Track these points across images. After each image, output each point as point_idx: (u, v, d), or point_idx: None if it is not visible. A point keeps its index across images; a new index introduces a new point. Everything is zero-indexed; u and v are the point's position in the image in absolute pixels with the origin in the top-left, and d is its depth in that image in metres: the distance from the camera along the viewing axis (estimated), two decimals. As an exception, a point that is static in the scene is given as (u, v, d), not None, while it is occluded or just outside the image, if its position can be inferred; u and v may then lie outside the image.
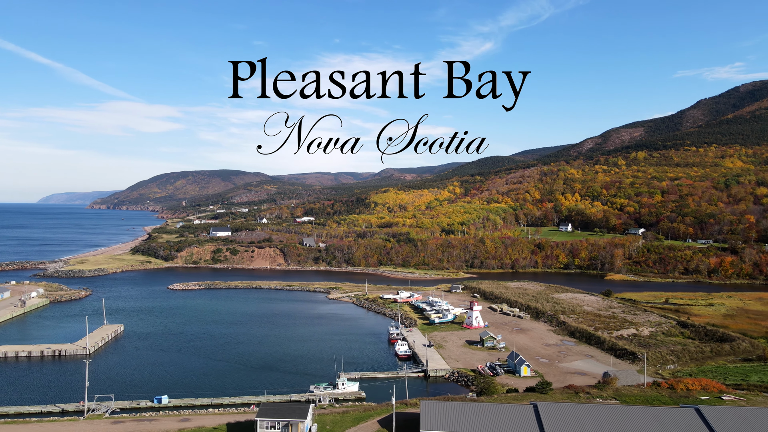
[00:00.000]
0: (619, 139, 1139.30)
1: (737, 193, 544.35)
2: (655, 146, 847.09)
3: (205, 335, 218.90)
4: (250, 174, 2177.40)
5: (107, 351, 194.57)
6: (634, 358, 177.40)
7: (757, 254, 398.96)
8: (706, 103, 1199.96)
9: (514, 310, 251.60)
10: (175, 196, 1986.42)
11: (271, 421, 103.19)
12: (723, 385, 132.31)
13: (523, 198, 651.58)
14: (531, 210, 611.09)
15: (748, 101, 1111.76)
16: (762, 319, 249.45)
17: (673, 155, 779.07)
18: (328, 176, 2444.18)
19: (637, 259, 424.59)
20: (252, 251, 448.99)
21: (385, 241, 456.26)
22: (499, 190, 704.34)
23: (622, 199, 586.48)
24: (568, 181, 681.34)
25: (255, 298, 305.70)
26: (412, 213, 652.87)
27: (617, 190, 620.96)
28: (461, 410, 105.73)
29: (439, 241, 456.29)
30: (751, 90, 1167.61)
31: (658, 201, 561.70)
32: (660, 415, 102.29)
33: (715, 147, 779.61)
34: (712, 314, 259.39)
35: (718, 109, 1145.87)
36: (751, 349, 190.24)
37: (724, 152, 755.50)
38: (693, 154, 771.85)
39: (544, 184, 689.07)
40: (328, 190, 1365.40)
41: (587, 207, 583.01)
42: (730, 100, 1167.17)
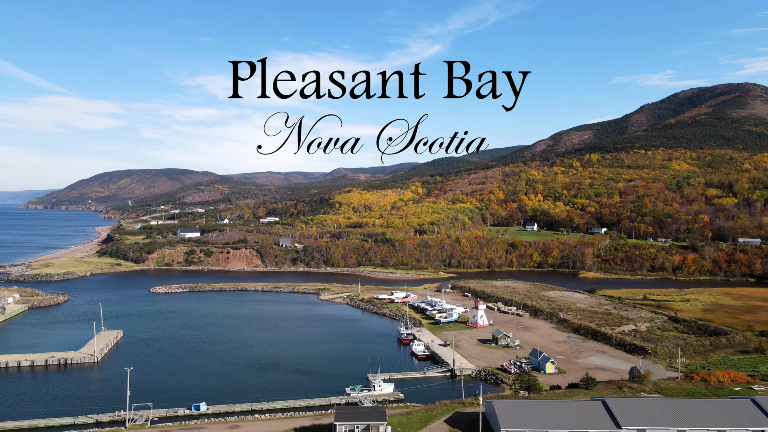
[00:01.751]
0: (569, 141, 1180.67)
1: (689, 194, 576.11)
2: (606, 149, 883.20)
3: (211, 339, 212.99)
4: (198, 173, 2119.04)
5: (114, 358, 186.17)
6: (645, 353, 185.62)
7: (715, 252, 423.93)
8: (648, 108, 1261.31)
9: (512, 309, 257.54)
10: (119, 196, 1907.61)
11: (350, 424, 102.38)
12: (749, 377, 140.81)
13: (487, 198, 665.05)
14: (497, 210, 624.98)
15: (687, 107, 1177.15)
16: (739, 313, 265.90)
17: (624, 158, 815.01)
18: (278, 176, 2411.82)
19: (606, 257, 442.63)
20: (227, 252, 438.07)
21: (363, 242, 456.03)
22: (463, 191, 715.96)
23: (583, 200, 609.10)
24: (530, 182, 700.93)
25: (245, 301, 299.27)
26: (378, 213, 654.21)
27: (577, 190, 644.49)
28: (535, 408, 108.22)
29: (416, 241, 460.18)
30: (689, 96, 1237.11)
31: (617, 201, 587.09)
32: (720, 406, 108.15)
33: (662, 150, 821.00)
34: (692, 309, 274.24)
35: (660, 114, 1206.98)
36: (745, 342, 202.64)
37: (671, 155, 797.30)
38: (642, 156, 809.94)
39: (507, 184, 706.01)
40: (283, 189, 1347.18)
41: (551, 207, 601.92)
42: (671, 105, 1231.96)
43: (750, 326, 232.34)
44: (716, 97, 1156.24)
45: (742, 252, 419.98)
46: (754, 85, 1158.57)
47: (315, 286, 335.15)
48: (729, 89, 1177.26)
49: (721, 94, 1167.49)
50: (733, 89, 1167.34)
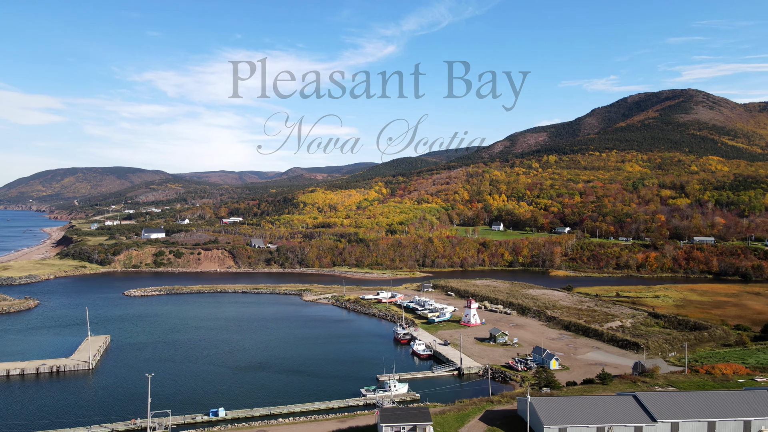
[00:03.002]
0: (525, 143, 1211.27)
1: (645, 195, 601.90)
2: (563, 151, 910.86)
3: (205, 343, 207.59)
4: (148, 172, 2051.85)
5: (108, 364, 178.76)
6: (638, 348, 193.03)
7: (674, 250, 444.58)
8: (599, 111, 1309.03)
9: (499, 307, 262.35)
10: (63, 195, 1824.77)
11: (397, 425, 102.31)
12: (749, 369, 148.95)
13: (453, 198, 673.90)
14: (462, 210, 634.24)
15: (635, 111, 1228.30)
16: (709, 308, 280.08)
17: (580, 159, 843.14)
18: (232, 175, 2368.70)
19: (573, 256, 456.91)
20: (198, 254, 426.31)
21: (336, 242, 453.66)
22: (428, 191, 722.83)
23: (546, 200, 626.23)
24: (494, 182, 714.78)
25: (227, 303, 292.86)
26: (345, 213, 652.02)
27: (539, 191, 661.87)
28: (572, 404, 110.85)
29: (389, 241, 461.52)
30: (637, 101, 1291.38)
31: (579, 201, 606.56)
32: (741, 397, 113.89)
33: (615, 152, 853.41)
34: (665, 305, 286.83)
35: (610, 117, 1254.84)
36: (725, 336, 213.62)
37: (624, 157, 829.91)
38: (597, 158, 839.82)
39: (471, 185, 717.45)
40: (240, 189, 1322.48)
41: (515, 207, 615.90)
42: (620, 109, 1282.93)
43: (723, 320, 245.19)
44: (662, 102, 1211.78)
45: (698, 250, 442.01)
46: (697, 92, 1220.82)
47: (296, 287, 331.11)
48: (673, 95, 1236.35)
49: (666, 99, 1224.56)
50: (677, 95, 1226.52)
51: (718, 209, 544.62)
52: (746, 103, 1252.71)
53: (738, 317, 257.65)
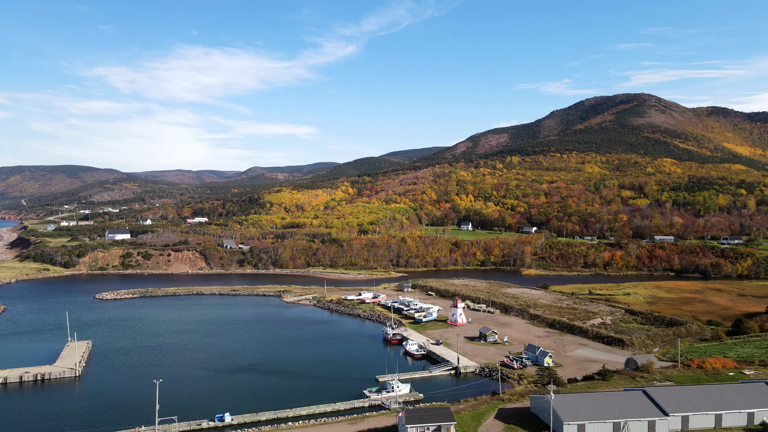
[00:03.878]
0: (487, 144, 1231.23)
1: (607, 195, 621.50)
2: (525, 152, 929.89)
3: (192, 346, 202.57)
4: (101, 170, 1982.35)
5: (95, 371, 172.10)
6: (623, 344, 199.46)
7: (638, 249, 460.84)
8: (558, 114, 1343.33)
9: (482, 306, 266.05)
10: (9, 194, 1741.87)
11: (422, 426, 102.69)
12: (736, 362, 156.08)
13: (420, 199, 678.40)
14: (431, 210, 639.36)
15: (592, 114, 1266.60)
16: (678, 305, 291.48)
17: (542, 160, 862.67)
18: (189, 174, 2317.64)
19: (542, 255, 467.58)
20: (168, 255, 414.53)
21: (310, 242, 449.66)
22: (396, 191, 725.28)
23: (512, 200, 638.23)
24: (461, 182, 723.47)
25: (206, 305, 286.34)
26: (313, 213, 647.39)
27: (506, 191, 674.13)
28: (587, 401, 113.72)
29: (363, 241, 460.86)
30: (593, 104, 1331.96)
31: (544, 202, 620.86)
32: (742, 390, 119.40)
33: (575, 154, 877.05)
34: (637, 302, 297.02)
35: (568, 119, 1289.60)
36: (701, 331, 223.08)
37: (584, 158, 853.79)
38: (558, 159, 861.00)
39: (439, 185, 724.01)
40: (201, 188, 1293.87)
41: (483, 207, 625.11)
42: (577, 112, 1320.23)
43: (695, 316, 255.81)
44: (617, 105, 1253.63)
45: (660, 249, 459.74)
46: (649, 96, 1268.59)
47: (275, 288, 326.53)
48: (628, 99, 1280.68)
49: (621, 103, 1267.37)
50: (631, 99, 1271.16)
51: (675, 209, 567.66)
52: (694, 108, 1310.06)
53: (707, 313, 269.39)
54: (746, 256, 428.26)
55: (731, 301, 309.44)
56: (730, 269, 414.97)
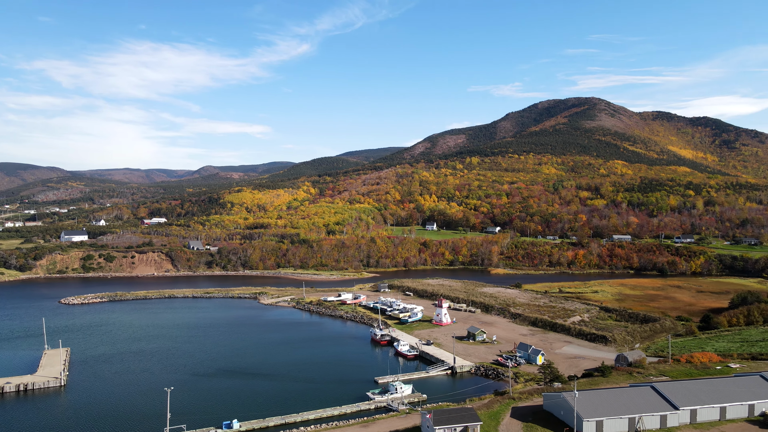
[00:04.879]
0: (445, 144, 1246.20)
1: (566, 196, 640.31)
2: (484, 153, 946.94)
3: (177, 352, 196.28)
4: (43, 168, 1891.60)
5: (79, 380, 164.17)
6: (606, 341, 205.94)
7: (599, 247, 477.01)
8: (513, 116, 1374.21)
9: (462, 306, 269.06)
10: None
11: (449, 427, 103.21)
12: (721, 356, 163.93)
13: (384, 199, 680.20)
14: (395, 210, 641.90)
15: (545, 116, 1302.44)
16: (645, 301, 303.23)
17: (501, 161, 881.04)
18: (138, 173, 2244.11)
19: (509, 254, 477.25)
20: (132, 257, 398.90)
21: (279, 243, 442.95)
22: (359, 191, 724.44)
23: (475, 201, 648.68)
24: (424, 183, 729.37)
25: (181, 308, 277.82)
26: (276, 214, 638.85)
27: (468, 191, 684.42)
28: (601, 397, 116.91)
29: (333, 241, 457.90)
30: (546, 107, 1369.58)
31: (506, 202, 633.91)
32: (740, 383, 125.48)
33: (533, 155, 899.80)
34: (606, 299, 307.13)
35: (523, 121, 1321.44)
36: (674, 327, 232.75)
37: (540, 160, 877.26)
38: (516, 161, 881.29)
39: (402, 185, 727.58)
40: (154, 188, 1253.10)
41: (447, 207, 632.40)
42: (532, 114, 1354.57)
43: (664, 312, 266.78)
44: (569, 108, 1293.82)
45: (619, 247, 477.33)
46: (599, 100, 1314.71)
47: (250, 290, 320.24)
48: (579, 102, 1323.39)
49: (573, 106, 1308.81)
50: (582, 102, 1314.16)
51: (630, 209, 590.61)
52: (641, 112, 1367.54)
53: (673, 309, 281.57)
54: (699, 254, 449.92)
55: (692, 297, 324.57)
56: (685, 267, 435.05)
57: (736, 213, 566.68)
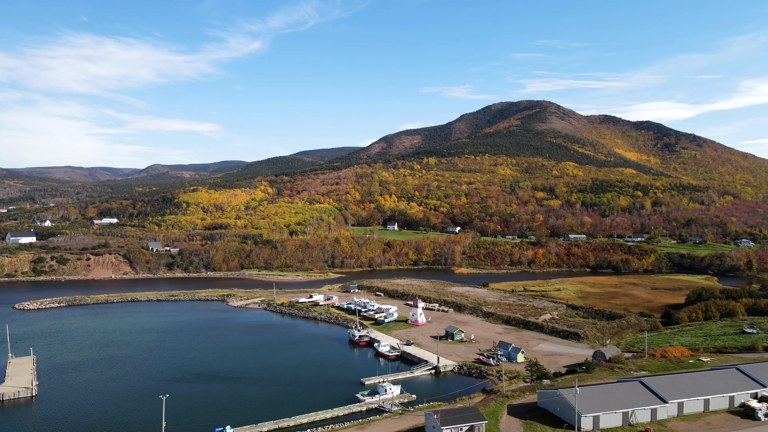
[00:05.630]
0: (401, 144, 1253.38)
1: (523, 196, 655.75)
2: (441, 153, 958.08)
3: (151, 357, 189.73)
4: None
5: (49, 389, 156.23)
6: (579, 338, 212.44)
7: (557, 247, 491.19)
8: (468, 117, 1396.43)
9: (435, 305, 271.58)
10: None
11: (456, 427, 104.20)
12: (691, 351, 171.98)
13: (345, 199, 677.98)
14: (356, 210, 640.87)
15: (498, 118, 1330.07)
16: (606, 299, 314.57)
17: (458, 162, 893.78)
18: (81, 171, 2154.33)
19: (471, 254, 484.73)
20: (87, 259, 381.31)
21: (242, 244, 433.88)
22: (318, 191, 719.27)
23: (435, 201, 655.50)
24: (383, 183, 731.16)
25: (147, 312, 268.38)
26: (235, 214, 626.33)
27: (428, 192, 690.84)
28: (596, 393, 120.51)
29: (297, 242, 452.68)
30: (499, 109, 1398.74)
31: (465, 202, 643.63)
32: (719, 376, 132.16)
33: (488, 156, 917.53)
34: (569, 297, 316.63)
35: (477, 123, 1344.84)
36: (638, 323, 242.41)
37: (496, 161, 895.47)
38: (473, 161, 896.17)
39: (362, 185, 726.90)
40: (100, 187, 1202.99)
41: (407, 207, 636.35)
42: (485, 116, 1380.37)
43: (626, 309, 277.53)
44: (521, 111, 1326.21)
45: (576, 247, 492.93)
46: (550, 103, 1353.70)
47: (217, 293, 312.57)
48: (531, 105, 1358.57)
49: (525, 109, 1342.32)
50: (534, 105, 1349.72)
51: (584, 210, 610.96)
52: (588, 116, 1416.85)
53: (634, 305, 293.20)
54: (650, 253, 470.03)
55: (649, 294, 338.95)
56: (637, 265, 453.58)
57: (681, 213, 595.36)
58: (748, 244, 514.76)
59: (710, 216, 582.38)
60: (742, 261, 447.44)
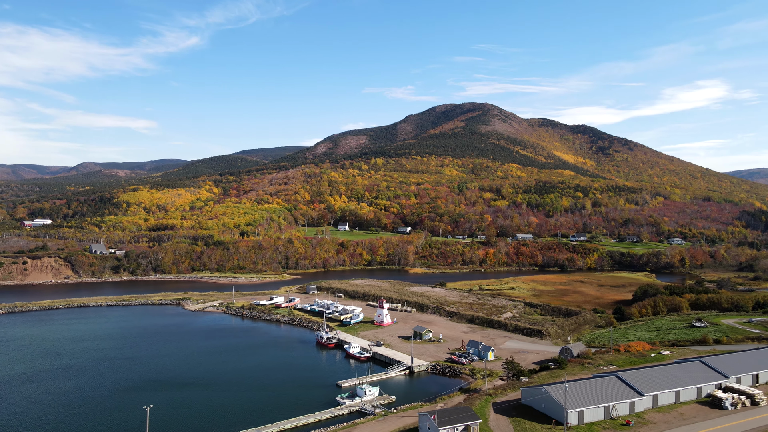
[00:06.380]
0: (347, 145, 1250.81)
1: (471, 197, 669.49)
2: (388, 154, 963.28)
3: (111, 366, 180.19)
4: None
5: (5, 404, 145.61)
6: (542, 335, 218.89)
7: (506, 246, 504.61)
8: (413, 118, 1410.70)
9: (397, 305, 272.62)
10: None
11: (452, 427, 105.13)
12: (650, 345, 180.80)
13: (294, 199, 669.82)
14: (306, 211, 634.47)
15: (443, 120, 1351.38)
16: (558, 296, 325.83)
17: (405, 163, 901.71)
18: (2, 169, 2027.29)
19: (424, 254, 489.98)
20: (24, 263, 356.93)
21: (193, 245, 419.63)
22: (266, 191, 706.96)
23: (385, 201, 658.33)
24: (333, 183, 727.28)
25: (98, 318, 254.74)
26: (180, 214, 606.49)
27: (377, 192, 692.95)
28: (578, 388, 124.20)
29: (250, 243, 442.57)
30: (444, 111, 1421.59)
31: (415, 203, 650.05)
32: (686, 369, 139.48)
33: (435, 157, 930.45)
34: (524, 295, 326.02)
35: (422, 124, 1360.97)
36: (594, 319, 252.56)
37: (442, 162, 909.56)
38: (420, 162, 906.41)
39: (311, 185, 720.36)
40: (28, 186, 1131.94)
41: (358, 208, 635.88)
42: (430, 117, 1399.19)
43: (579, 306, 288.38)
44: (465, 113, 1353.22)
45: (524, 246, 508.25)
46: (492, 106, 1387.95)
47: (171, 296, 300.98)
48: (474, 107, 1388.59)
49: (469, 111, 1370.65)
50: (477, 107, 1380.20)
51: (530, 210, 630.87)
52: (528, 119, 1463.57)
53: (585, 302, 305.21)
54: (593, 252, 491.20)
55: (597, 291, 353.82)
56: (581, 263, 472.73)
57: (618, 213, 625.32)
58: (680, 242, 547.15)
59: (645, 216, 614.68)
60: (677, 258, 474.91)
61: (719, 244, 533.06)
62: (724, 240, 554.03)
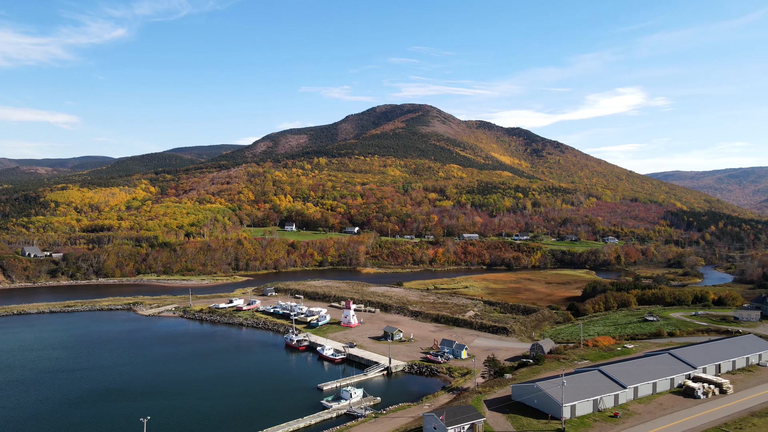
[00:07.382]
0: (288, 144, 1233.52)
1: (416, 197, 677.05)
2: (330, 153, 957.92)
3: (70, 377, 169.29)
4: None
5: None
6: (507, 332, 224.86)
7: (454, 245, 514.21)
8: (353, 118, 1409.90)
9: (361, 306, 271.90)
10: None
11: (458, 426, 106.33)
12: (615, 339, 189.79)
13: (237, 199, 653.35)
14: (251, 211, 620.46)
15: (383, 120, 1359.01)
16: (512, 294, 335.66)
17: (348, 162, 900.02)
18: None
19: (374, 253, 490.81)
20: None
21: (137, 247, 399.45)
22: (208, 190, 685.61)
23: (331, 201, 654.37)
24: (277, 183, 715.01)
25: (43, 325, 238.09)
26: (116, 214, 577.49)
27: (323, 192, 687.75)
28: (568, 383, 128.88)
29: (197, 244, 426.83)
30: (384, 111, 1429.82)
31: (362, 203, 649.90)
32: (658, 361, 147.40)
33: (377, 157, 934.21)
34: (479, 293, 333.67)
35: (363, 124, 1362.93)
36: (551, 316, 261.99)
37: (385, 162, 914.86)
38: (363, 162, 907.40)
39: (255, 185, 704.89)
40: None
41: (304, 208, 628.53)
42: (371, 118, 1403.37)
43: (534, 303, 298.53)
44: (405, 114, 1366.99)
45: (471, 245, 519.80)
46: (431, 107, 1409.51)
47: (121, 301, 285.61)
48: (414, 108, 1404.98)
49: (408, 112, 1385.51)
50: (416, 108, 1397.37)
51: (474, 210, 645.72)
52: (466, 120, 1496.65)
53: (538, 299, 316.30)
54: (536, 250, 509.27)
55: (546, 288, 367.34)
56: (526, 261, 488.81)
57: (557, 213, 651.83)
58: (614, 240, 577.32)
59: (581, 216, 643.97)
60: (612, 256, 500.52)
61: (648, 242, 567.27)
62: (653, 238, 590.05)
